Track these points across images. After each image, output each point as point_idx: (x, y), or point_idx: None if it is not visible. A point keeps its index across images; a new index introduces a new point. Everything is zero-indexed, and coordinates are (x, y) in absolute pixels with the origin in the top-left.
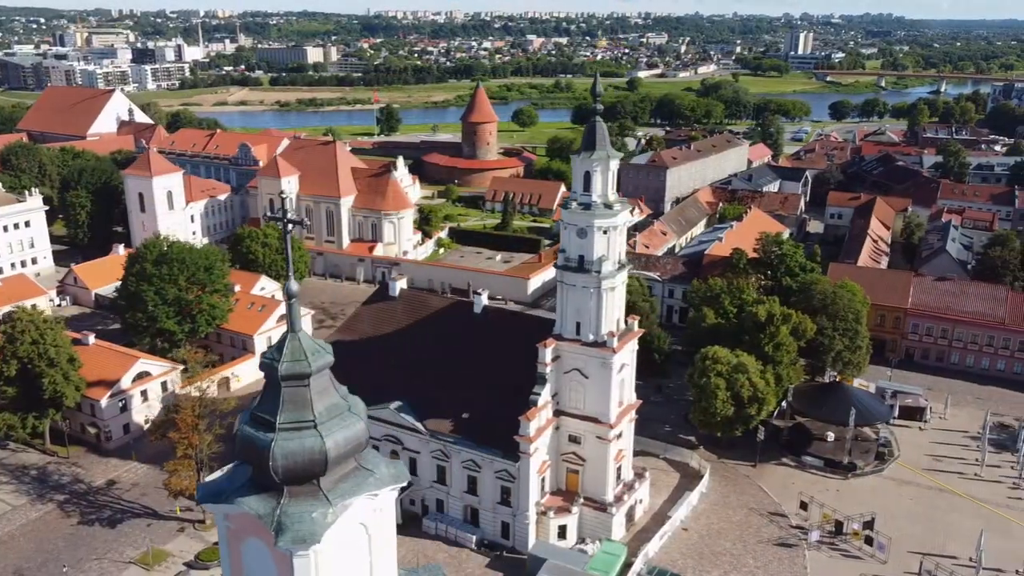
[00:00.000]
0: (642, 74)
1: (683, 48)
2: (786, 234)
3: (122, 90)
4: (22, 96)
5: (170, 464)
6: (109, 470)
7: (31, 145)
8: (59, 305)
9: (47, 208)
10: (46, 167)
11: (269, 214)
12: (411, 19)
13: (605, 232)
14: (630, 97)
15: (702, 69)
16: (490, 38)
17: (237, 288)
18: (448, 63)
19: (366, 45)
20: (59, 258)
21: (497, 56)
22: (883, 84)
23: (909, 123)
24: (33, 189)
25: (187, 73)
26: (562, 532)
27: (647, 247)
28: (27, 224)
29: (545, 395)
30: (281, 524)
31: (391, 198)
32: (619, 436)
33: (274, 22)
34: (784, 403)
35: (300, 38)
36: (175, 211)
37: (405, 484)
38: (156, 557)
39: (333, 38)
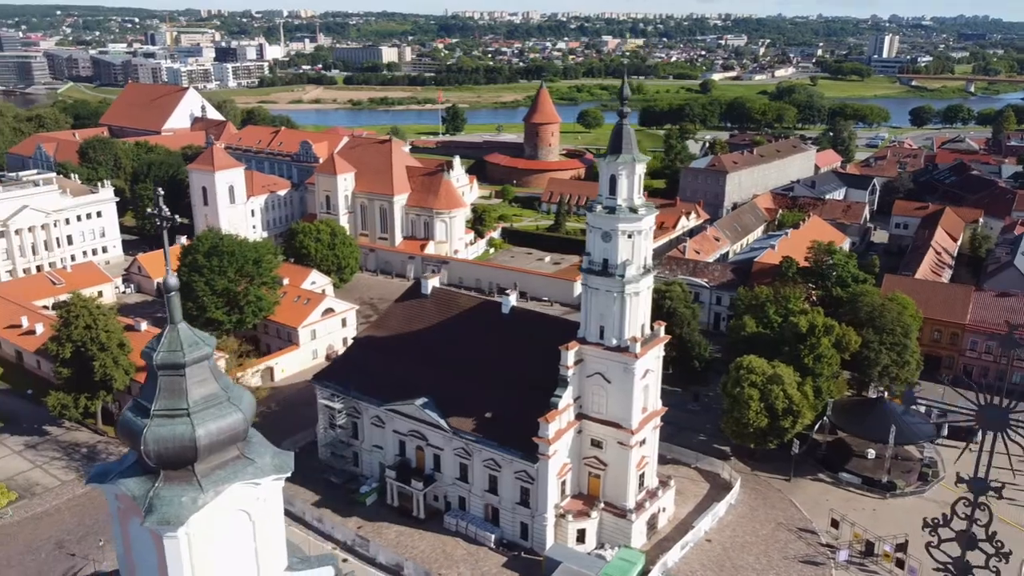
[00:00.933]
0: (716, 76)
1: (761, 51)
2: (846, 244)
3: (204, 87)
4: (110, 92)
5: None
6: None
7: (108, 139)
8: (124, 292)
9: (118, 199)
10: (121, 160)
11: (149, 210)
12: (487, 20)
13: (630, 236)
14: (699, 100)
15: (779, 72)
16: (565, 39)
17: (285, 281)
18: (520, 64)
19: (441, 45)
20: (128, 247)
21: (570, 57)
22: (972, 89)
23: (994, 131)
24: (106, 181)
25: (266, 71)
26: (581, 536)
27: (698, 253)
28: (99, 214)
29: (567, 398)
30: (152, 505)
31: (443, 197)
32: (642, 443)
33: (353, 22)
34: (825, 417)
35: (377, 38)
36: (236, 205)
37: (288, 474)
38: None
39: (410, 38)
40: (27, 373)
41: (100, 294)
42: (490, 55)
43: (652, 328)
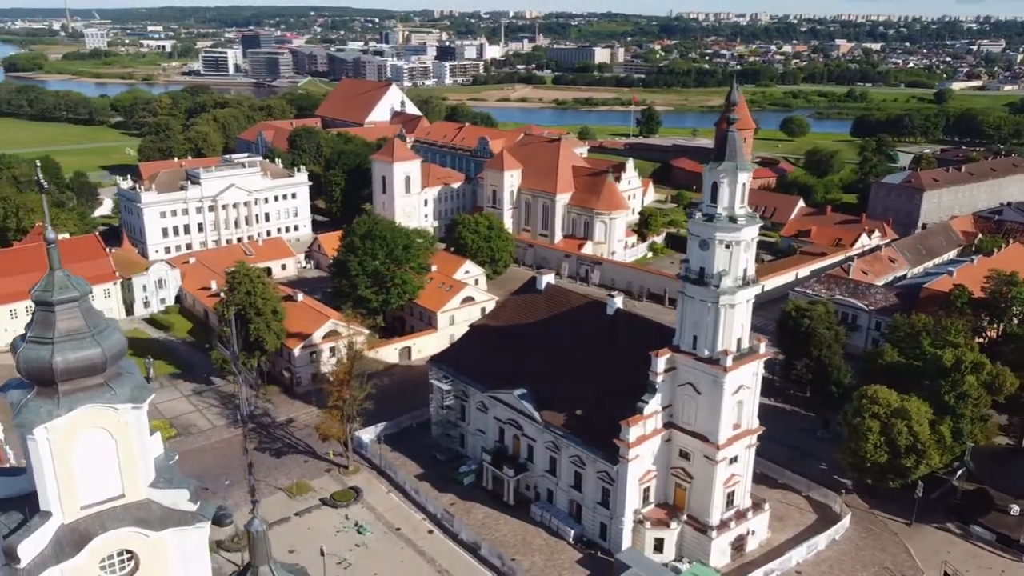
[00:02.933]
0: (956, 85)
1: (1020, 58)
2: None
3: (422, 84)
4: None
5: (322, 412)
6: (292, 410)
7: (313, 128)
8: (304, 267)
9: (311, 184)
10: (322, 148)
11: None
12: (712, 21)
13: (727, 246)
14: (921, 110)
15: None
16: (793, 42)
17: (433, 268)
18: (737, 67)
19: (658, 47)
20: (316, 227)
21: (793, 61)
22: None
23: None
24: (301, 167)
25: (480, 70)
26: (659, 546)
27: (865, 274)
28: (293, 196)
29: (654, 404)
30: (19, 411)
31: (606, 198)
32: (732, 460)
33: (575, 23)
34: (964, 462)
35: (595, 39)
36: (411, 195)
37: (142, 405)
38: (300, 489)
39: (627, 39)
40: (210, 330)
41: (284, 267)
42: (707, 57)
43: (751, 344)
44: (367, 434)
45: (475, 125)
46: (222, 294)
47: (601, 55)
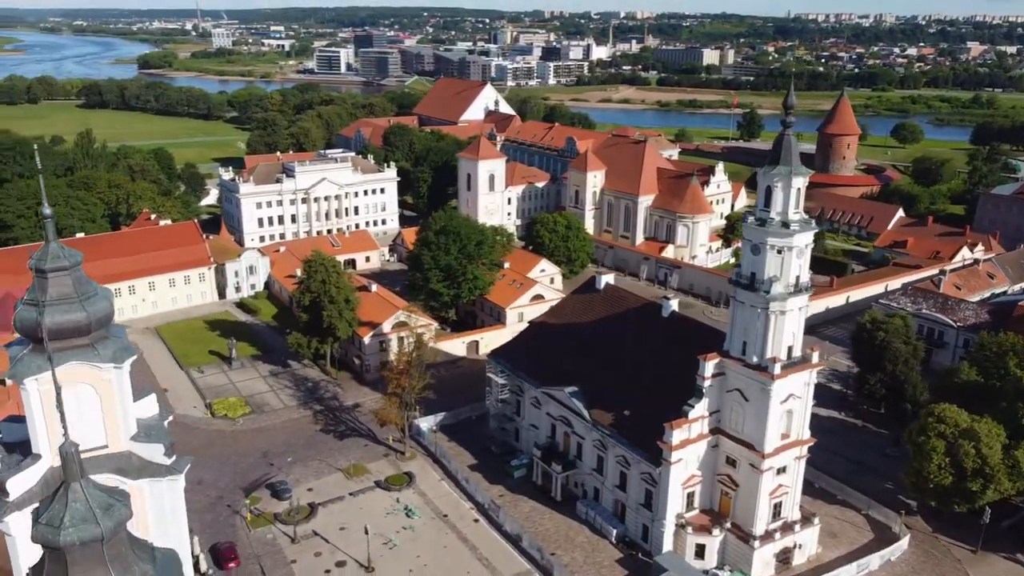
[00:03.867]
0: None
1: None
2: None
3: (525, 84)
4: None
5: (383, 398)
6: (360, 395)
7: (406, 126)
8: (388, 260)
9: (399, 179)
10: (414, 145)
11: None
12: (832, 22)
13: (779, 252)
14: None
15: None
16: (920, 44)
17: (506, 265)
18: (854, 70)
19: (771, 48)
20: (404, 222)
21: (916, 65)
22: None
23: None
24: (391, 163)
25: (584, 71)
26: (700, 552)
27: (958, 288)
28: (382, 191)
29: (701, 409)
30: (14, 364)
31: (689, 202)
32: (780, 471)
33: (687, 24)
34: None
35: (707, 40)
36: (495, 193)
37: (122, 365)
38: (357, 471)
39: (740, 41)
40: (294, 317)
41: (368, 259)
42: (823, 60)
43: (803, 353)
44: (426, 422)
45: (568, 126)
46: (298, 280)
47: (709, 56)
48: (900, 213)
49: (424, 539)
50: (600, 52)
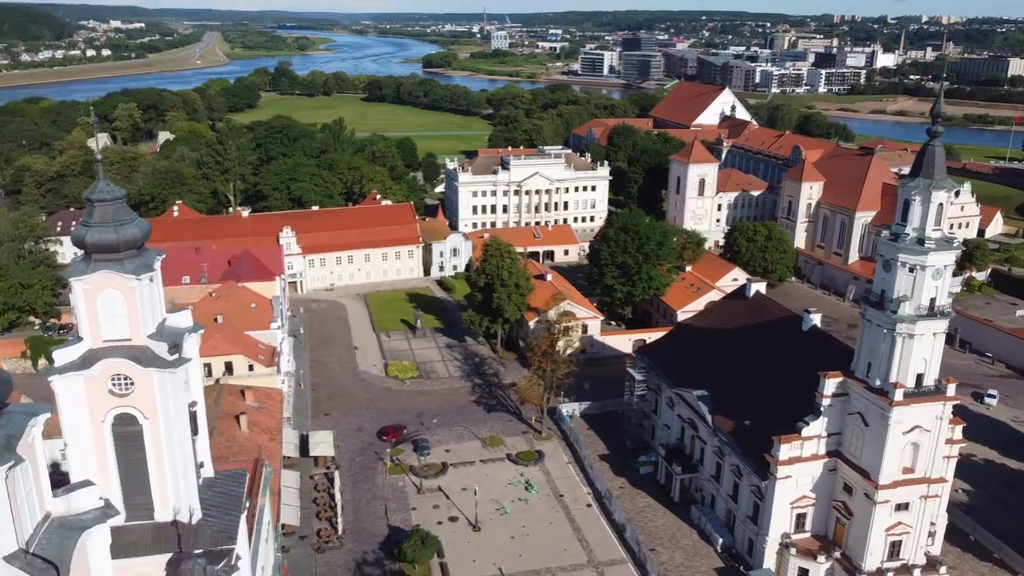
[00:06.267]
0: None
1: None
2: None
3: (791, 92)
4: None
5: (524, 379)
6: (518, 376)
7: (630, 127)
8: (585, 254)
9: (613, 179)
10: (637, 146)
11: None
12: None
13: (911, 270)
14: None
15: None
16: None
17: (688, 268)
18: None
19: None
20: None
21: None
22: None
23: None
24: (605, 161)
25: (861, 79)
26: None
27: None
28: (593, 188)
29: (816, 428)
30: (70, 270)
31: None
32: (901, 507)
33: (1002, 30)
34: None
35: (1021, 48)
36: (704, 198)
37: (142, 277)
38: (493, 441)
39: None
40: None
41: (566, 252)
42: None
43: (938, 383)
44: (568, 408)
45: (797, 134)
46: (477, 263)
47: (1017, 66)
48: None
49: (534, 512)
50: (886, 60)
